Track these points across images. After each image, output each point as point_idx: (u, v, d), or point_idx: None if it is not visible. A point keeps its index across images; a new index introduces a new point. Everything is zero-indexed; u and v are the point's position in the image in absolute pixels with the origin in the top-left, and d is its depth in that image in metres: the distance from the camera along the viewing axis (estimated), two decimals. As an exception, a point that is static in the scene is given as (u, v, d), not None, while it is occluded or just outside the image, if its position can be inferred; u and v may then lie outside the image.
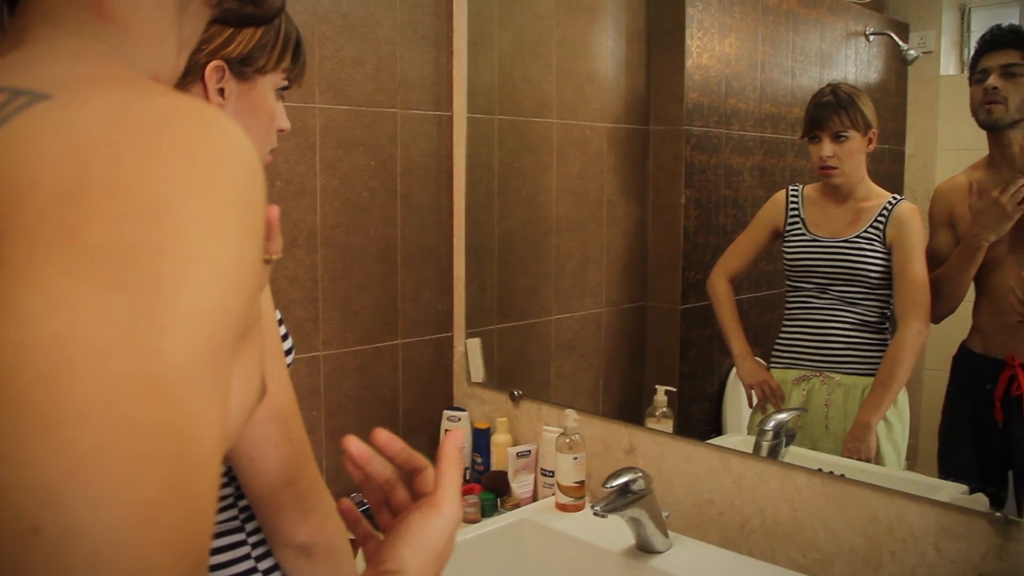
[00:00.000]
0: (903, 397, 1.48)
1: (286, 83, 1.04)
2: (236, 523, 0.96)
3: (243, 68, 0.97)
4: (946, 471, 1.38)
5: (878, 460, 1.46)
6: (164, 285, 0.38)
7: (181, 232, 0.40)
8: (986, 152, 1.38)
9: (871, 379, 1.51)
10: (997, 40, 1.33)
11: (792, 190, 1.64)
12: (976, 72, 1.34)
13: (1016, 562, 1.13)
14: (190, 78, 0.94)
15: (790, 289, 1.62)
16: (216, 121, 0.43)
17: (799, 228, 1.60)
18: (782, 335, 1.63)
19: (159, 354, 0.38)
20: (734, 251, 1.72)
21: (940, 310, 1.43)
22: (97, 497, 0.34)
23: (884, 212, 1.52)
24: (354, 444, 0.71)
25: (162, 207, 0.39)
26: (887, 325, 1.53)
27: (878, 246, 1.52)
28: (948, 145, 1.50)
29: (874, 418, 1.47)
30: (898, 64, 1.59)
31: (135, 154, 0.40)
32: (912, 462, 1.47)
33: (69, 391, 0.35)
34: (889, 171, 1.54)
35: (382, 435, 0.71)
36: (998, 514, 1.15)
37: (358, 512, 0.75)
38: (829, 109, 1.55)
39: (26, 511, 0.33)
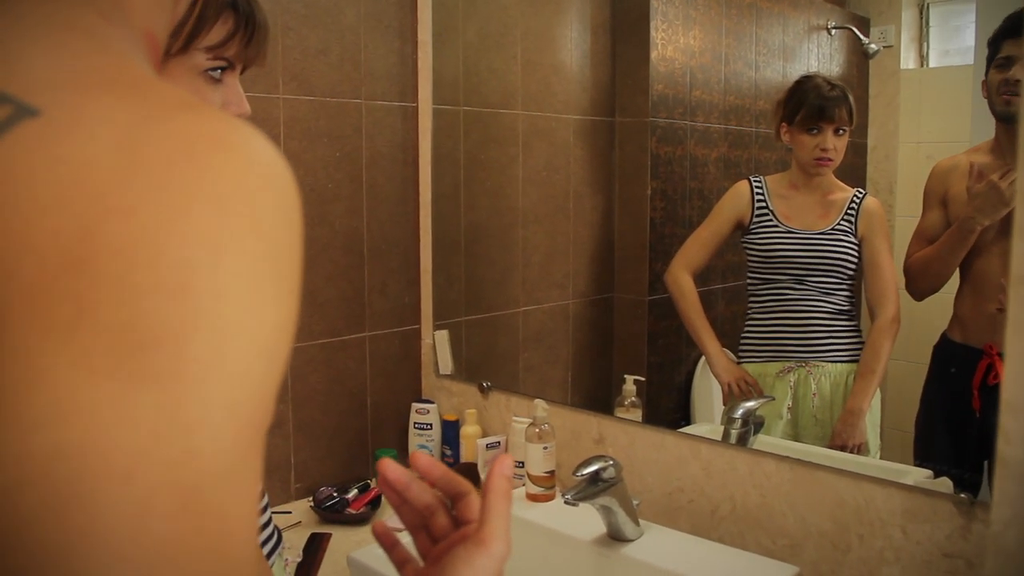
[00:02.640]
0: None
1: (218, 63, 0.86)
2: None
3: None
4: (922, 458, 1.40)
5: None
6: (195, 371, 0.32)
7: (213, 304, 0.33)
8: (951, 143, 1.40)
9: (853, 366, 1.54)
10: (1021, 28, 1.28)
11: (755, 181, 1.66)
12: (997, 57, 1.30)
13: (980, 542, 1.16)
14: None
15: (759, 281, 1.63)
16: (245, 148, 0.36)
17: (769, 220, 1.61)
18: (753, 328, 1.65)
19: (192, 458, 0.32)
20: (696, 244, 1.72)
21: (924, 289, 1.43)
22: None
23: (853, 206, 1.55)
24: (391, 468, 0.65)
25: (189, 274, 0.32)
26: (856, 312, 1.56)
27: (852, 238, 1.55)
28: (909, 138, 1.53)
29: (864, 404, 1.49)
30: (859, 58, 1.62)
31: (152, 206, 0.32)
32: (877, 447, 1.51)
33: (89, 518, 0.30)
34: (852, 164, 1.57)
35: (423, 459, 0.66)
36: (963, 496, 1.18)
37: (394, 535, 0.69)
38: (838, 102, 1.55)
39: None
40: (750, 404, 1.54)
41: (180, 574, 0.31)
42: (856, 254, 1.55)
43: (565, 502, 1.34)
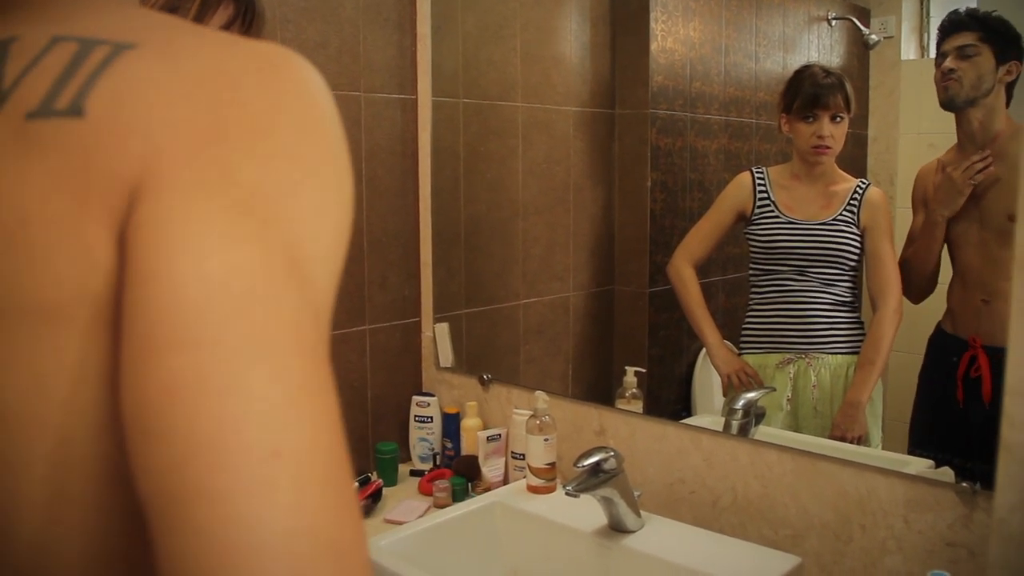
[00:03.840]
0: None
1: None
2: None
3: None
4: (915, 446, 1.41)
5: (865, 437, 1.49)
6: (308, 219, 0.43)
7: (315, 171, 0.43)
8: (951, 134, 1.41)
9: (853, 357, 1.54)
10: (954, 24, 1.37)
11: (757, 172, 1.66)
12: (937, 57, 1.38)
13: (982, 531, 1.16)
14: None
15: (760, 272, 1.63)
16: (306, 64, 0.47)
17: (771, 210, 1.61)
18: (754, 319, 1.65)
19: (314, 284, 0.42)
20: (698, 236, 1.72)
21: (914, 289, 1.46)
22: (315, 421, 0.39)
23: (856, 196, 1.55)
24: None
25: (294, 149, 0.43)
26: (859, 304, 1.56)
27: (853, 229, 1.54)
28: (909, 129, 1.52)
29: (864, 396, 1.49)
30: (860, 49, 1.61)
31: (260, 99, 0.44)
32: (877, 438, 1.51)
33: (265, 323, 0.39)
34: (852, 155, 1.57)
35: None
36: (964, 484, 1.18)
37: None
38: (833, 89, 1.56)
39: (265, 437, 0.37)
40: (751, 395, 1.54)
41: (324, 378, 0.40)
42: (858, 245, 1.54)
43: (566, 493, 1.34)
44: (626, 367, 1.68)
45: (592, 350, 1.96)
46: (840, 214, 1.56)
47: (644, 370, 1.70)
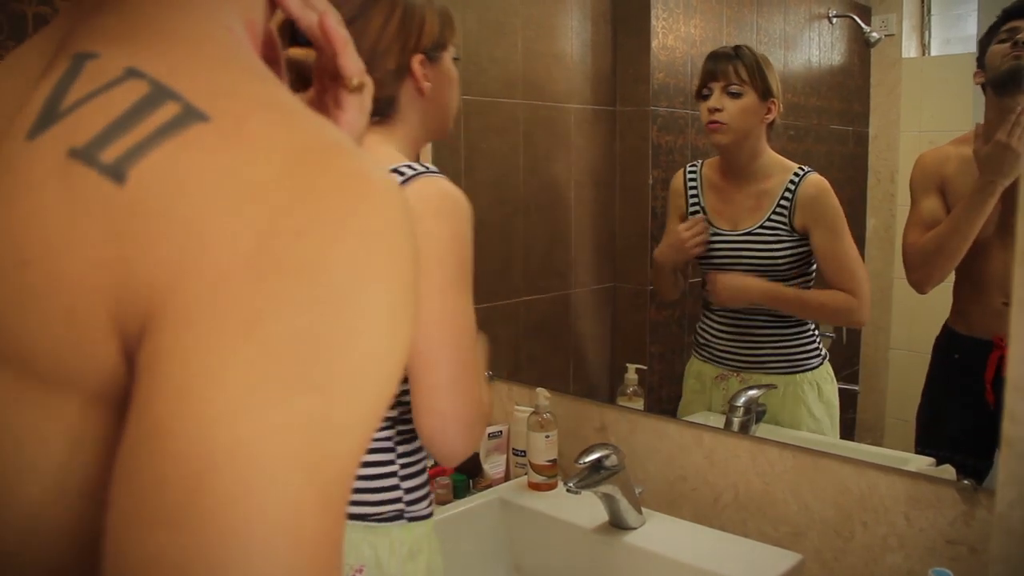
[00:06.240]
0: (831, 389, 1.49)
1: (455, 49, 1.15)
2: (389, 444, 1.06)
3: (434, 53, 1.10)
4: (925, 446, 1.37)
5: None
6: (347, 383, 0.37)
7: (365, 323, 0.37)
8: (954, 133, 1.39)
9: (792, 377, 1.48)
10: None
11: (690, 170, 1.58)
12: (1001, 30, 1.28)
13: (983, 528, 1.16)
14: (400, 78, 1.07)
15: (702, 282, 1.59)
16: (385, 189, 0.40)
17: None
18: (701, 328, 1.62)
19: (336, 460, 0.36)
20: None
21: (933, 275, 1.39)
22: None
23: (787, 195, 1.44)
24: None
25: (346, 294, 0.37)
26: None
27: (784, 234, 1.44)
28: (910, 127, 1.53)
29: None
30: (861, 47, 1.62)
31: (317, 231, 0.37)
32: (879, 436, 1.51)
33: (260, 509, 0.34)
34: (853, 153, 1.57)
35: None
36: (966, 482, 1.18)
37: None
38: (724, 60, 1.46)
39: None
40: (752, 392, 1.54)
41: (319, 570, 0.35)
42: (792, 249, 1.46)
43: (567, 490, 1.34)
44: (627, 364, 1.68)
45: (593, 347, 1.97)
46: (768, 219, 1.45)
47: (645, 367, 1.70)
